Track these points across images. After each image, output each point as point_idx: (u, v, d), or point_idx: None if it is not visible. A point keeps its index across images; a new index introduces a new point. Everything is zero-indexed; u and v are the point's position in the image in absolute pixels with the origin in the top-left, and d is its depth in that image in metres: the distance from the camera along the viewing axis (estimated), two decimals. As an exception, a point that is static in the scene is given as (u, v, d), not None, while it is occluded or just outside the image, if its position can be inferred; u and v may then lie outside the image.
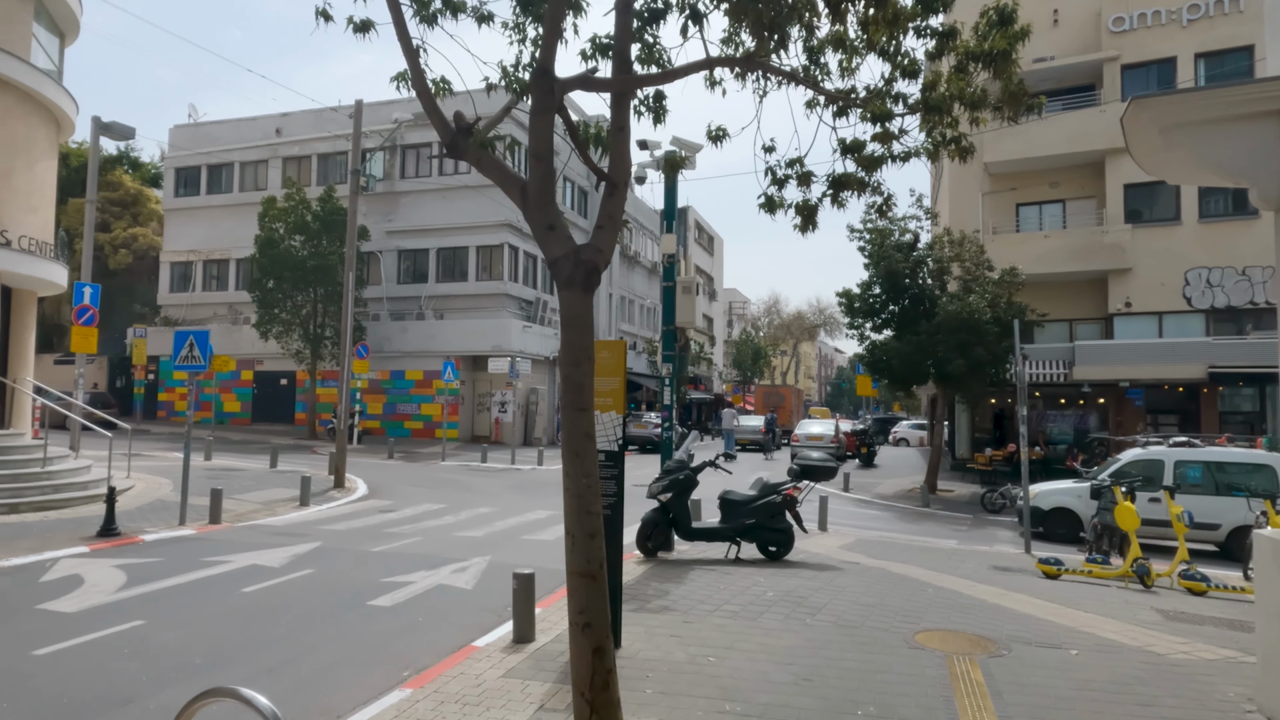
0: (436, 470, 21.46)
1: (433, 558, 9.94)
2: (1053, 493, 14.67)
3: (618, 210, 4.51)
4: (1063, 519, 14.38)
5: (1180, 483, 12.91)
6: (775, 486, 9.68)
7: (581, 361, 4.19)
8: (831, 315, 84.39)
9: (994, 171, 25.33)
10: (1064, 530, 14.20)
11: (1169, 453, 13.53)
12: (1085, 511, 13.90)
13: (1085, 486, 14.01)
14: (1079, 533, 14.04)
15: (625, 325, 44.36)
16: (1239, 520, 12.63)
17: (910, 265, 20.24)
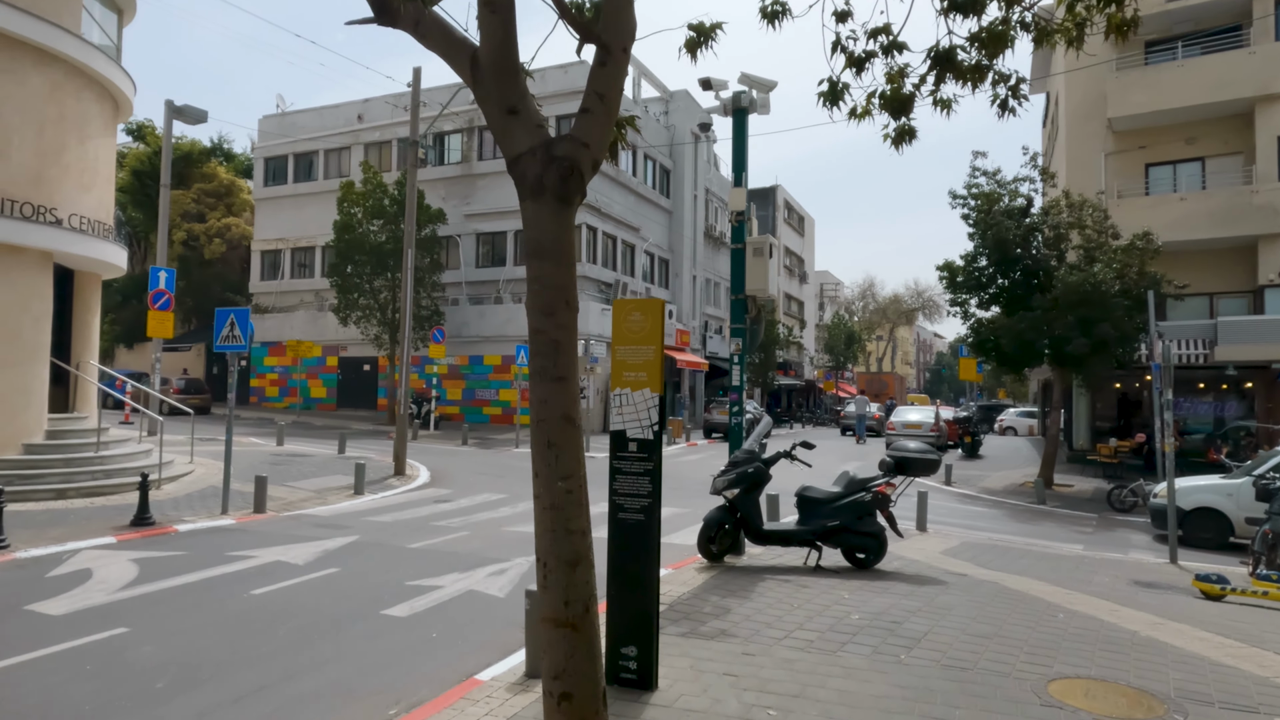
0: (507, 457, 20.65)
1: (473, 556, 8.90)
2: (1194, 490, 12.55)
3: (612, 86, 3.21)
4: (1207, 521, 12.31)
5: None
6: (864, 482, 8.18)
7: (557, 308, 2.93)
8: (930, 298, 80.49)
9: (1119, 128, 22.59)
10: (1208, 535, 12.19)
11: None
12: (1236, 512, 11.93)
13: (1235, 483, 12.08)
14: (1227, 537, 12.06)
15: (711, 309, 42.85)
16: None
17: (1022, 233, 18.05)
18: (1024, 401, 61.48)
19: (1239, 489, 11.81)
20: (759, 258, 8.64)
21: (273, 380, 35.48)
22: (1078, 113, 23.49)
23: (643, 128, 35.62)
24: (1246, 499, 11.48)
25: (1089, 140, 22.96)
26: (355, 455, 18.46)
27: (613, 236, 32.64)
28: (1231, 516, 12.08)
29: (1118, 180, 22.28)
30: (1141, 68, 21.70)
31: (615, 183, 32.69)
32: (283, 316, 35.46)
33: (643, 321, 4.99)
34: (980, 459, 24.88)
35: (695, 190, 39.90)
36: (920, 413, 27.19)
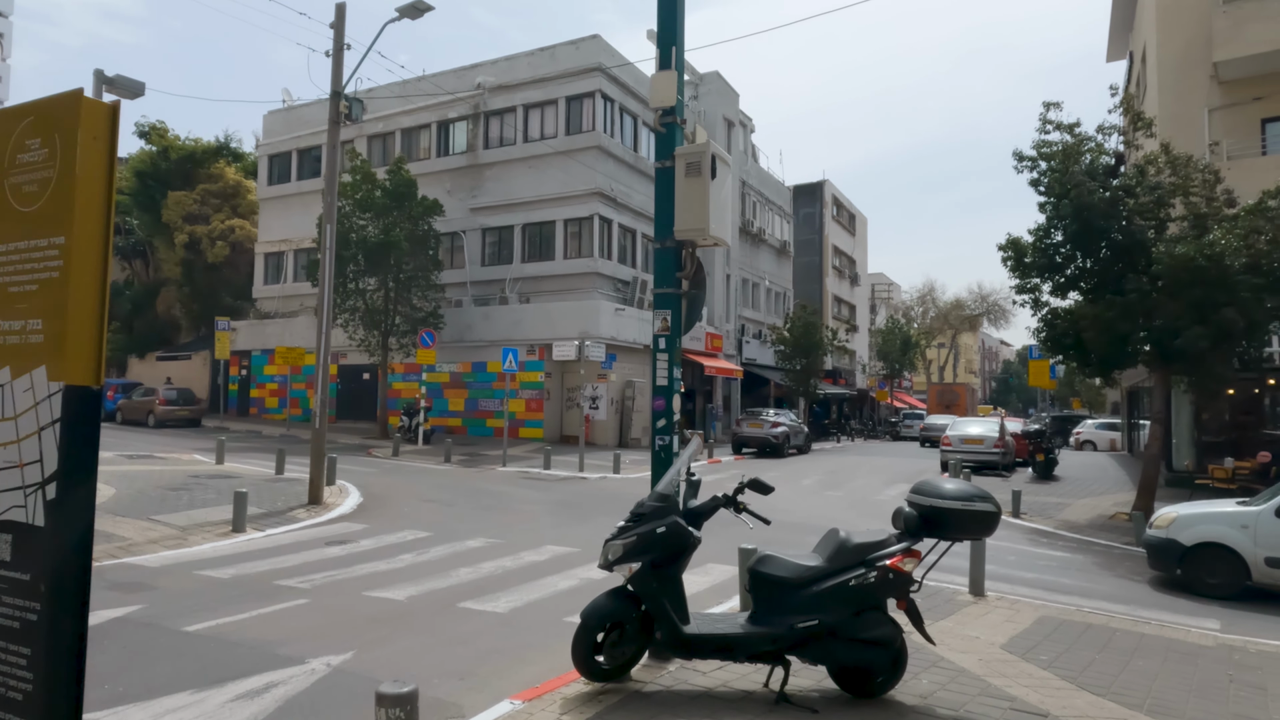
0: (484, 479, 17.54)
1: (257, 653, 5.72)
2: (1198, 519, 9.68)
3: None
4: (1215, 561, 9.39)
5: None
6: (865, 551, 4.72)
7: None
8: (995, 302, 75.36)
9: (1227, 76, 18.44)
10: (1217, 579, 9.34)
11: None
12: (1252, 550, 9.10)
13: (1251, 511, 9.28)
14: (1243, 582, 9.17)
15: (748, 311, 39.30)
16: None
17: (1110, 198, 14.19)
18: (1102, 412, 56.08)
19: (1257, 519, 9.14)
20: (694, 179, 5.30)
21: (272, 390, 33.21)
22: (1174, 62, 19.38)
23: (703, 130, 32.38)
24: (1268, 532, 8.97)
25: (1189, 94, 18.84)
26: (293, 476, 15.60)
27: (631, 230, 29.44)
28: (1247, 556, 9.18)
29: (1226, 140, 18.13)
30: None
31: (634, 170, 29.51)
32: (284, 322, 33.20)
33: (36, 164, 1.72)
34: (1056, 480, 20.80)
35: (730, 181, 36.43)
36: (982, 425, 23.17)
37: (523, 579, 8.38)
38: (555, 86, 28.31)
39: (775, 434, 26.73)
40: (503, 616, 6.97)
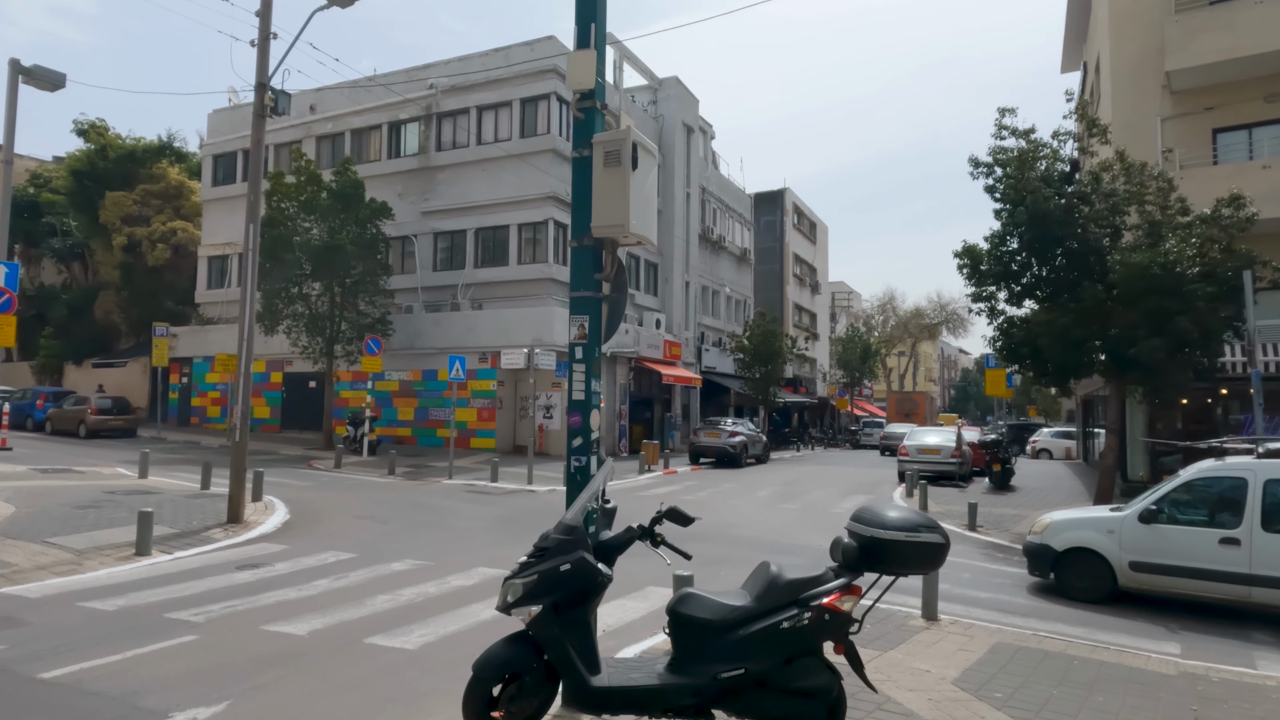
0: (426, 492, 16.78)
1: (109, 707, 5.02)
2: (1070, 525, 9.83)
3: None
4: (1084, 565, 9.54)
5: (1276, 514, 8.38)
6: (798, 587, 4.18)
7: None
8: (954, 311, 76.06)
9: (1179, 86, 18.46)
10: (1086, 583, 9.51)
11: (1258, 467, 8.67)
12: (1118, 555, 9.26)
13: (1118, 517, 9.44)
14: (1110, 588, 9.33)
15: (707, 319, 38.91)
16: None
17: (1065, 204, 13.99)
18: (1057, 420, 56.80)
19: (1123, 524, 9.30)
20: (613, 170, 4.74)
21: (214, 399, 31.95)
22: (1127, 71, 19.38)
23: (628, 116, 31.90)
24: (1134, 538, 9.14)
25: (1142, 104, 18.82)
26: (218, 492, 14.70)
27: (588, 235, 28.82)
28: (1113, 560, 9.33)
29: (1179, 149, 18.12)
30: (1209, 9, 17.61)
31: (591, 175, 28.93)
32: (228, 329, 31.86)
33: None
34: (1013, 491, 20.61)
35: (689, 188, 36.08)
36: (939, 434, 22.94)
37: (444, 607, 7.72)
38: (509, 88, 27.66)
39: (733, 444, 26.29)
40: (412, 654, 6.31)
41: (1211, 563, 8.64)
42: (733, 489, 19.69)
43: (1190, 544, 8.82)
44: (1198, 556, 8.73)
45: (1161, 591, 9.16)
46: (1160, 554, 8.99)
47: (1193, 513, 9.06)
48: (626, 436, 29.62)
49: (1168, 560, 8.95)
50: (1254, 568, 8.44)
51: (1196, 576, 8.79)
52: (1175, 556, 8.89)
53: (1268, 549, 8.36)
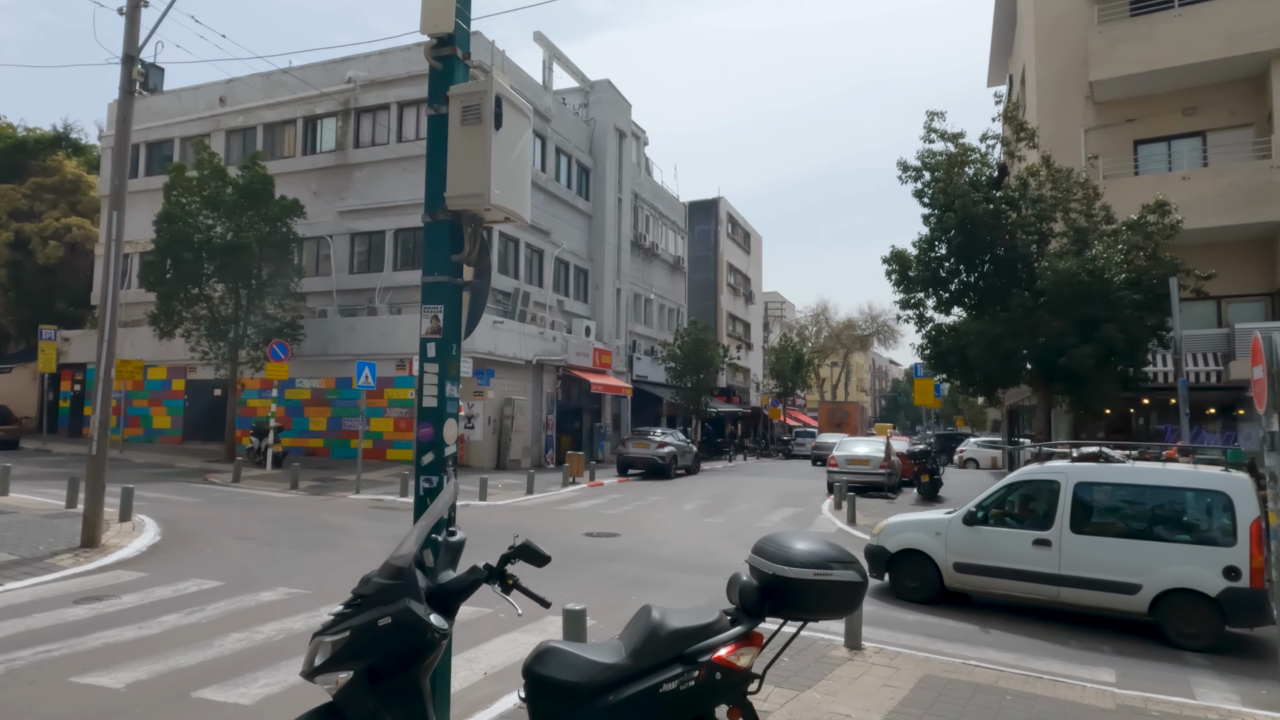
0: (327, 509, 15.55)
1: None
2: (903, 527, 10.01)
3: None
4: (914, 566, 9.71)
5: (1088, 516, 8.77)
6: (685, 638, 3.38)
7: None
8: (885, 323, 77.27)
9: (1102, 98, 18.56)
10: (915, 583, 9.67)
11: (1069, 470, 8.95)
12: (944, 556, 9.43)
13: (944, 519, 9.73)
14: (937, 588, 9.48)
15: (639, 327, 38.24)
16: (1172, 580, 8.11)
17: (994, 210, 13.69)
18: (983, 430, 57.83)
19: (949, 526, 9.49)
20: (471, 129, 3.91)
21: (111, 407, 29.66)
22: (1052, 82, 19.45)
23: (558, 120, 31.12)
24: (958, 540, 9.32)
25: (1066, 115, 18.87)
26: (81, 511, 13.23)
27: (513, 239, 27.86)
28: (939, 561, 9.48)
29: (1102, 160, 18.17)
30: (1130, 20, 17.73)
31: (518, 176, 27.96)
32: (126, 333, 29.71)
33: None
34: (940, 502, 20.33)
35: (620, 193, 35.40)
36: (868, 445, 22.63)
37: (302, 649, 6.69)
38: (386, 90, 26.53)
39: (662, 454, 25.57)
40: (247, 711, 5.30)
41: (1025, 563, 8.77)
42: (659, 501, 18.94)
43: (1007, 545, 8.97)
44: (1013, 557, 8.88)
45: (983, 592, 9.34)
46: (981, 555, 9.15)
47: (1011, 515, 9.28)
48: (553, 448, 28.65)
49: (987, 561, 9.11)
50: (1063, 568, 8.59)
51: (1012, 577, 8.94)
52: (994, 558, 9.06)
53: (1075, 550, 8.53)
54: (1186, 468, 8.81)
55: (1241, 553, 7.82)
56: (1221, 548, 7.95)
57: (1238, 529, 7.94)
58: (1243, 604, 7.78)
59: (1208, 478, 8.41)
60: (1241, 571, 7.78)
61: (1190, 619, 8.01)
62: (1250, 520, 7.90)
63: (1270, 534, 6.00)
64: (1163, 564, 8.16)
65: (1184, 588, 8.02)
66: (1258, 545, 7.75)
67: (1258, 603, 7.69)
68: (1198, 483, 8.42)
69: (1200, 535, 8.22)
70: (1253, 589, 7.73)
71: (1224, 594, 7.81)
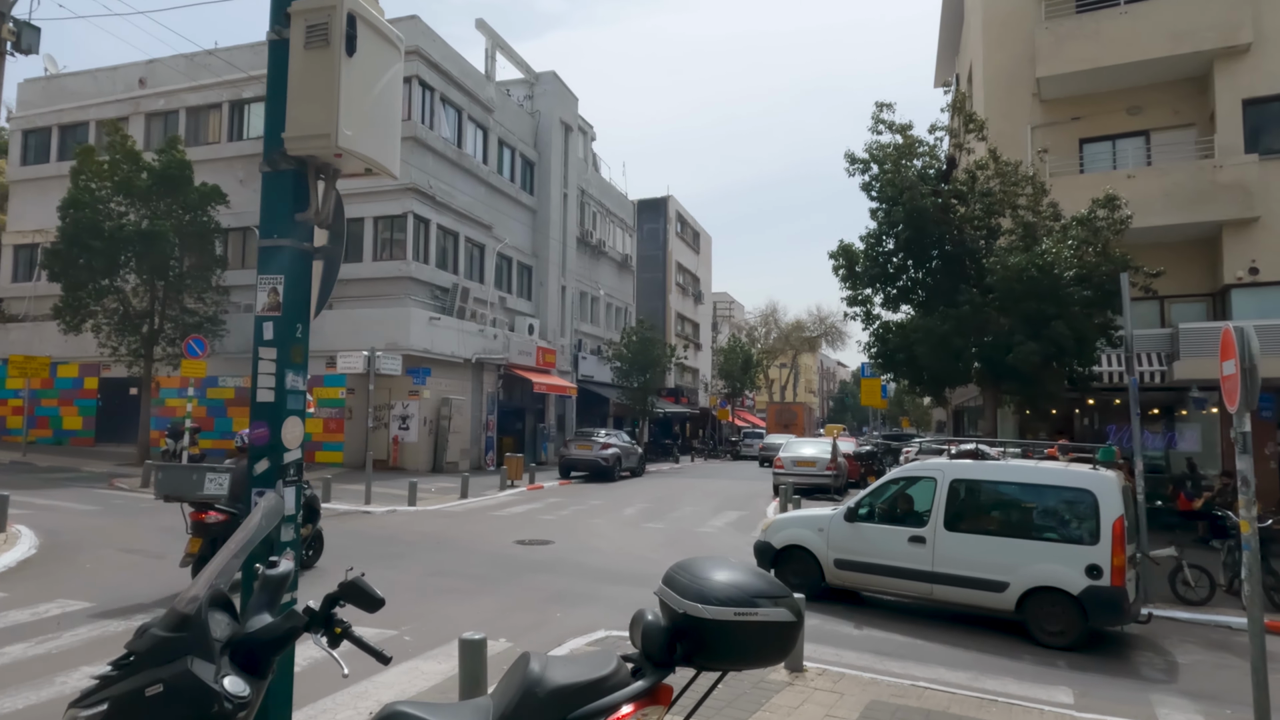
0: (237, 515, 14.39)
1: None
2: (788, 523, 10.03)
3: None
4: (797, 562, 9.64)
5: (961, 513, 8.76)
6: (569, 698, 2.66)
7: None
8: (833, 324, 77.69)
9: (1049, 95, 18.40)
10: (798, 579, 9.39)
11: (946, 467, 8.99)
12: (826, 553, 9.40)
13: (826, 515, 9.69)
14: (819, 584, 9.44)
15: (586, 325, 37.42)
16: (1038, 578, 8.07)
17: (942, 205, 13.26)
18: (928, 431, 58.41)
19: (831, 522, 9.48)
20: (316, 54, 3.12)
21: (15, 407, 27.80)
22: (998, 79, 19.24)
23: (501, 112, 30.14)
24: (839, 536, 9.31)
25: (1012, 112, 18.65)
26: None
27: (454, 232, 26.81)
28: (821, 557, 9.45)
29: (1048, 158, 17.98)
30: (1077, 17, 17.58)
31: (458, 168, 26.96)
32: (34, 327, 27.98)
33: None
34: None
35: (566, 189, 34.54)
36: (815, 446, 22.21)
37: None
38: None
39: (605, 456, 24.80)
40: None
41: (901, 560, 8.74)
42: (599, 505, 18.17)
43: (885, 542, 8.95)
44: (890, 554, 8.85)
45: (862, 588, 9.34)
46: (860, 552, 9.12)
47: (890, 511, 9.26)
48: (494, 449, 27.66)
49: (866, 558, 9.08)
50: (936, 565, 8.55)
51: (888, 574, 8.91)
52: (872, 554, 9.03)
53: (948, 547, 8.50)
54: (1057, 466, 8.75)
55: (1104, 551, 7.77)
56: (1085, 546, 7.89)
57: (1101, 528, 7.87)
58: (1103, 602, 7.74)
59: (1074, 476, 8.32)
60: (1103, 570, 7.73)
61: (1054, 617, 7.95)
62: (1113, 519, 7.85)
63: (1242, 544, 5.49)
64: (1029, 562, 8.11)
65: (1048, 586, 7.97)
66: (1119, 544, 7.74)
67: (1117, 601, 7.69)
68: (1065, 481, 8.33)
69: (1066, 533, 8.17)
70: (1113, 587, 7.70)
71: (1086, 592, 7.77)
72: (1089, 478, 8.20)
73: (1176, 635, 8.94)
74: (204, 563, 8.37)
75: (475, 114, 28.27)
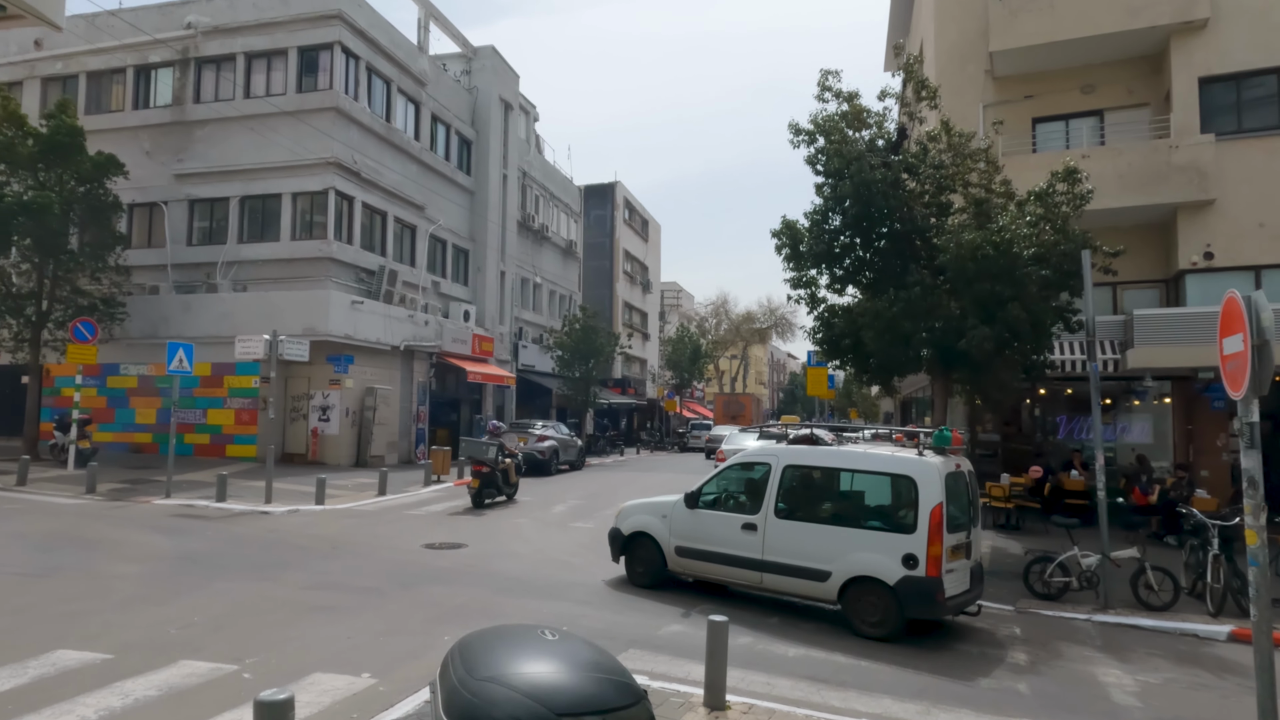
0: (116, 519, 12.82)
1: None
2: (636, 510, 9.85)
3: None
4: (643, 550, 9.53)
5: (791, 501, 8.53)
6: None
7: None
8: (783, 316, 77.36)
9: (1002, 72, 17.66)
10: (641, 567, 9.52)
11: (780, 453, 8.79)
12: (668, 539, 9.24)
13: (669, 502, 9.47)
14: (662, 572, 9.35)
15: (527, 314, 36.01)
16: (857, 567, 7.85)
17: (892, 180, 12.29)
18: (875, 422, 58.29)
19: (673, 509, 9.33)
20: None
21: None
22: (950, 55, 18.45)
23: (435, 86, 28.50)
24: (680, 523, 9.18)
25: (964, 89, 17.86)
26: None
27: (380, 211, 25.16)
28: (663, 545, 9.31)
29: (1000, 138, 17.21)
30: (1031, -11, 16.77)
31: (387, 144, 25.31)
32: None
33: None
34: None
35: (506, 169, 33.02)
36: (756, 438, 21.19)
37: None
38: (285, 34, 23.56)
39: (541, 449, 23.57)
40: None
41: (735, 548, 8.59)
42: (528, 502, 16.92)
43: (720, 529, 8.79)
44: (725, 542, 8.70)
45: (699, 576, 9.15)
46: (698, 539, 8.97)
47: (729, 498, 9.08)
48: (425, 442, 26.15)
49: (703, 545, 8.92)
50: (766, 554, 8.40)
51: (723, 562, 8.74)
52: (709, 541, 8.87)
53: (777, 535, 8.34)
54: (883, 451, 8.48)
55: (920, 540, 7.50)
56: (904, 535, 7.63)
57: (919, 516, 7.56)
58: (918, 593, 7.47)
59: (897, 462, 7.99)
60: (919, 559, 7.47)
61: (872, 607, 7.73)
62: (931, 506, 7.52)
63: (1250, 559, 4.52)
64: (851, 550, 7.89)
65: (866, 575, 7.74)
66: (936, 532, 7.44)
67: (930, 593, 7.41)
68: (889, 467, 8.03)
69: (889, 521, 7.92)
70: (928, 577, 7.43)
71: (901, 582, 7.54)
72: (910, 463, 7.84)
73: (1142, 647, 8.11)
74: (480, 493, 15.61)
75: (406, 87, 26.61)
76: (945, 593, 7.47)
